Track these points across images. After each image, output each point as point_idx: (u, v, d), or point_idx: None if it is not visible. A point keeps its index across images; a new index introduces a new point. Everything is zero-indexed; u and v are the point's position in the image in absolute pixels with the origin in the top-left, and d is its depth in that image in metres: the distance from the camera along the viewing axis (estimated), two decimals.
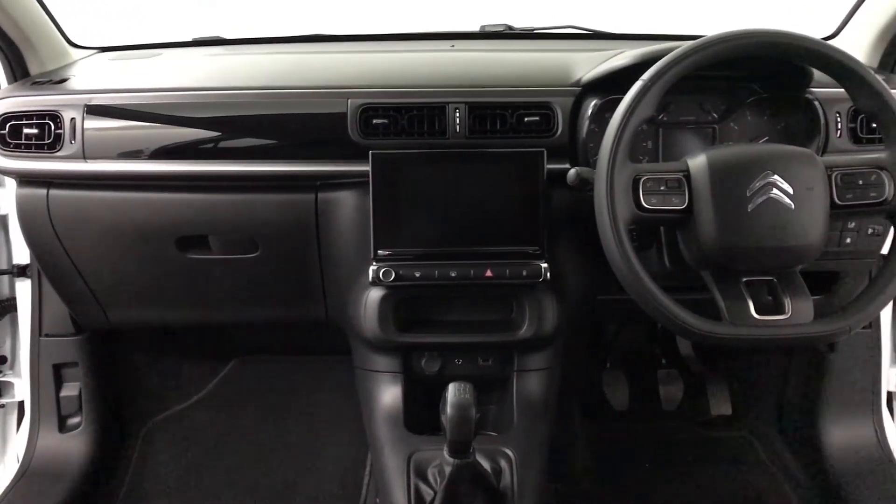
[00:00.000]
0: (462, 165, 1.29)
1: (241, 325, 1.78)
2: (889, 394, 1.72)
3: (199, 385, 1.96)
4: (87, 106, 1.34)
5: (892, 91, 1.12)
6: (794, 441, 1.85)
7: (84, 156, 1.34)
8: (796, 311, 1.09)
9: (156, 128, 1.35)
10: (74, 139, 1.34)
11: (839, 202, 1.11)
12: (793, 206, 1.08)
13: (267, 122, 1.35)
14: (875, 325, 1.68)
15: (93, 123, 1.34)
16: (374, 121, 1.31)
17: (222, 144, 1.35)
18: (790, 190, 1.08)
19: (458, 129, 1.31)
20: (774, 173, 1.08)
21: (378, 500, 1.46)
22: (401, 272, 1.30)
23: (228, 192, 1.37)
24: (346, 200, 1.36)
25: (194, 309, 1.51)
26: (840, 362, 1.71)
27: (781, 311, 1.09)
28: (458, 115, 1.30)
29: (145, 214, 1.38)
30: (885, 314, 1.70)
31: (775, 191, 1.08)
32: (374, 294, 1.36)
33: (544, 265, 1.31)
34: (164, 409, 1.93)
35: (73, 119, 1.34)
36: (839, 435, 1.74)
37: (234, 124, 1.35)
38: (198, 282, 1.45)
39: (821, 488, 1.73)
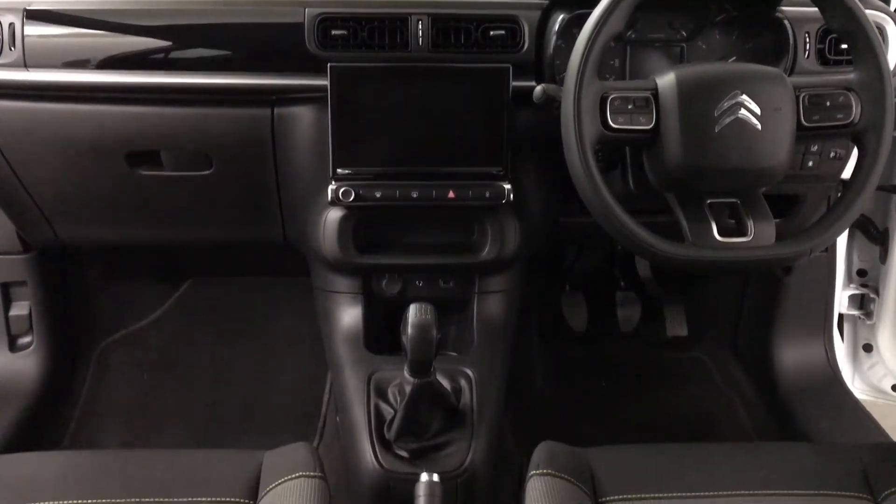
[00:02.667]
0: (425, 81, 1.25)
1: (195, 246, 1.74)
2: (840, 316, 1.76)
3: (154, 306, 1.93)
4: (26, 10, 1.26)
5: (865, 11, 1.10)
6: (748, 362, 1.90)
7: (25, 64, 1.27)
8: (758, 234, 1.09)
9: (103, 36, 1.27)
10: (14, 46, 1.26)
11: (806, 123, 1.10)
12: (760, 127, 1.07)
13: (220, 31, 1.28)
14: (830, 249, 1.70)
15: (34, 29, 1.26)
16: (333, 32, 1.25)
17: (173, 54, 1.28)
18: (757, 110, 1.07)
19: (420, 43, 1.26)
20: (743, 93, 1.06)
21: (338, 419, 1.47)
22: (361, 192, 1.27)
23: (180, 106, 1.31)
24: (303, 116, 1.31)
25: (146, 227, 1.47)
26: (795, 285, 1.74)
27: (744, 234, 1.09)
28: (420, 27, 1.25)
29: (92, 128, 1.32)
30: (841, 239, 1.73)
31: (743, 111, 1.07)
32: (334, 214, 1.33)
33: (507, 186, 1.29)
34: (118, 330, 1.89)
35: (11, 24, 1.26)
36: (791, 356, 1.78)
37: (186, 33, 1.28)
38: (149, 199, 1.40)
39: (771, 407, 1.78)
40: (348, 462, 1.30)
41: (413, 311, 1.11)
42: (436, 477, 1.09)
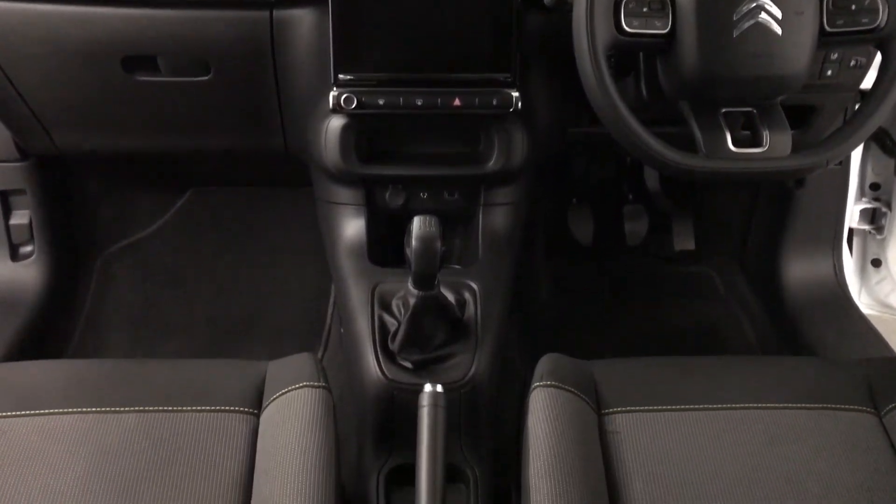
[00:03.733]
0: None
1: (195, 154, 1.71)
2: (850, 230, 1.74)
3: (155, 216, 1.91)
4: None
5: None
6: (755, 276, 1.88)
7: None
8: (774, 145, 1.06)
9: None
10: None
11: (829, 28, 1.05)
12: (780, 32, 1.02)
13: None
14: (844, 161, 1.67)
15: None
16: None
17: None
18: (778, 14, 1.02)
19: None
20: None
21: (342, 331, 1.47)
22: (363, 99, 1.23)
23: (176, 8, 1.25)
24: (303, 19, 1.26)
25: (145, 135, 1.43)
26: (807, 199, 1.71)
27: (759, 144, 1.06)
28: None
29: (87, 31, 1.27)
30: (855, 151, 1.69)
31: (763, 15, 1.02)
32: (335, 123, 1.29)
33: (515, 94, 1.24)
34: (120, 241, 1.88)
35: None
36: (799, 270, 1.76)
37: None
38: (147, 106, 1.36)
39: (777, 321, 1.78)
40: (352, 373, 1.31)
41: (417, 224, 1.09)
42: (439, 388, 1.09)
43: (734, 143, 1.06)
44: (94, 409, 1.02)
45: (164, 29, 1.26)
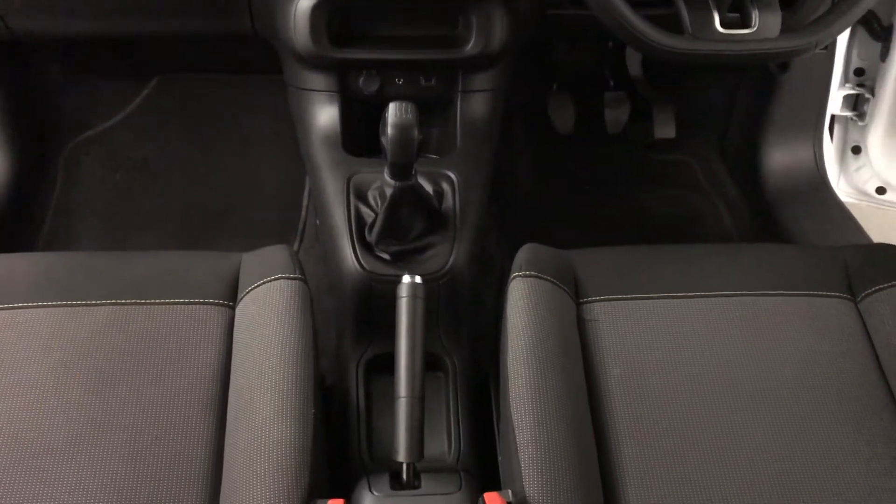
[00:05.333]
0: None
1: (159, 38, 1.63)
2: (832, 117, 1.72)
3: (121, 104, 1.84)
4: None
5: None
6: (735, 164, 1.87)
7: None
8: (763, 25, 1.03)
9: None
10: None
11: None
12: None
13: None
14: (830, 46, 1.63)
15: None
16: None
17: None
18: None
19: None
20: None
21: (317, 223, 1.44)
22: None
23: None
24: None
25: (104, 18, 1.36)
26: (790, 83, 1.68)
27: (748, 25, 1.03)
28: None
29: None
30: (842, 35, 1.64)
31: None
32: (304, 3, 1.23)
33: None
34: (85, 131, 1.82)
35: None
36: (779, 158, 1.75)
37: None
38: None
39: (755, 209, 1.78)
40: (329, 265, 1.29)
41: (393, 111, 1.05)
42: (418, 278, 1.08)
43: (722, 25, 1.02)
44: (65, 303, 1.00)
45: None
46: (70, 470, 0.86)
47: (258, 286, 1.02)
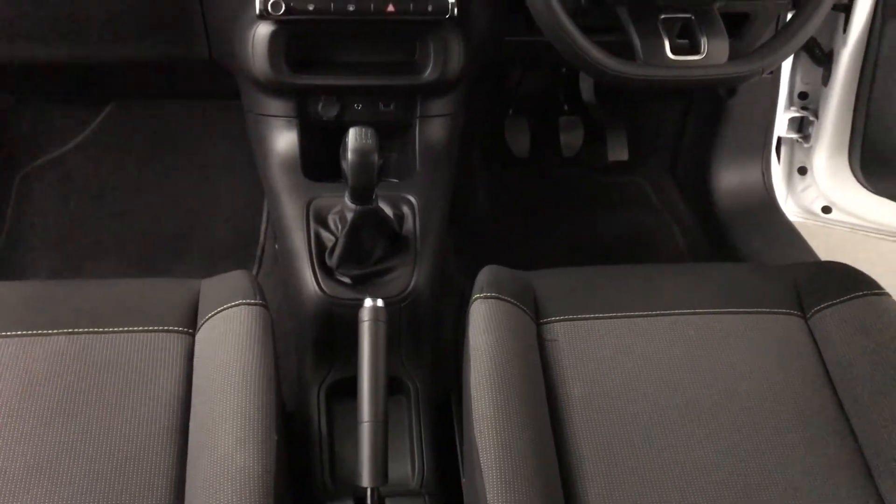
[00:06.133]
0: None
1: (116, 65, 1.62)
2: (778, 139, 1.77)
3: (75, 130, 1.81)
4: None
5: None
6: (686, 186, 1.91)
7: None
8: (712, 52, 1.06)
9: None
10: None
11: None
12: None
13: None
14: (775, 71, 1.68)
15: None
16: None
17: None
18: None
19: None
20: None
21: (276, 248, 1.44)
22: (292, 4, 1.17)
23: None
24: None
25: (59, 44, 1.34)
26: (738, 107, 1.73)
27: (697, 51, 1.06)
28: None
29: None
30: (786, 61, 1.70)
31: None
32: (263, 29, 1.23)
33: (451, 0, 1.20)
34: (39, 156, 1.79)
35: None
36: (728, 179, 1.80)
37: None
38: (59, 11, 1.27)
39: (707, 229, 1.82)
40: (289, 289, 1.29)
41: (353, 136, 1.06)
42: (380, 302, 1.08)
43: (672, 51, 1.05)
44: (20, 333, 0.98)
45: None
46: (27, 501, 0.84)
47: (218, 312, 1.01)
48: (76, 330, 0.99)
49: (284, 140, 1.35)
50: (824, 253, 1.65)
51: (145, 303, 1.04)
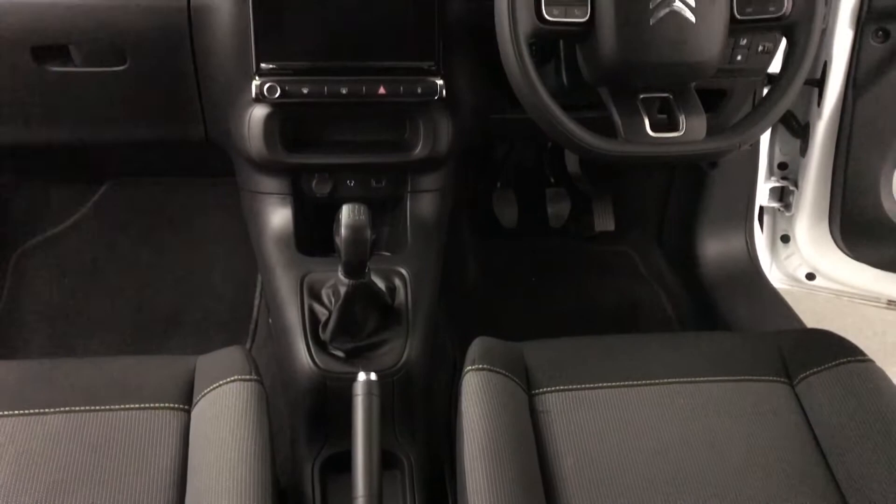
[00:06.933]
0: None
1: (113, 146, 1.66)
2: (761, 208, 1.81)
3: (72, 209, 1.84)
4: None
5: None
6: (672, 254, 1.95)
7: None
8: (690, 129, 1.10)
9: None
10: None
11: (739, 16, 1.09)
12: (694, 20, 1.06)
13: None
14: (754, 143, 1.73)
15: None
16: None
17: None
18: (692, 2, 1.05)
19: None
20: None
21: (270, 322, 1.46)
22: (287, 88, 1.22)
23: None
24: (222, 6, 1.23)
25: (59, 127, 1.38)
26: (720, 178, 1.78)
27: (676, 129, 1.10)
28: None
29: None
30: (764, 133, 1.76)
31: (678, 3, 1.05)
32: (259, 112, 1.28)
33: (440, 82, 1.25)
34: (35, 235, 1.81)
35: None
36: (713, 247, 1.84)
37: None
38: (60, 97, 1.31)
39: (694, 297, 1.85)
40: (283, 364, 1.30)
41: (346, 212, 1.09)
42: (373, 376, 1.10)
43: (652, 128, 1.09)
44: (15, 413, 0.99)
45: (77, 17, 1.22)
46: None
47: (214, 389, 1.03)
48: (72, 408, 1.00)
49: (279, 216, 1.38)
50: (811, 319, 1.67)
51: (141, 380, 1.05)
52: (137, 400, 1.02)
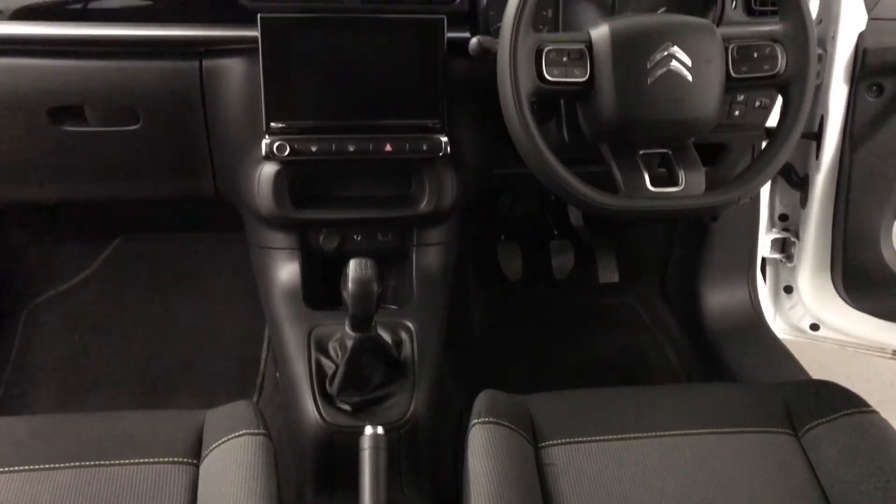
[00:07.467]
0: (358, 32, 1.23)
1: (124, 202, 1.69)
2: (763, 259, 1.83)
3: (82, 265, 1.87)
4: None
5: None
6: (676, 306, 1.96)
7: None
8: (689, 183, 1.12)
9: None
10: None
11: (734, 75, 1.12)
12: (690, 79, 1.09)
13: None
14: (754, 196, 1.76)
15: None
16: None
17: (93, 5, 1.23)
18: (688, 62, 1.09)
19: None
20: (674, 45, 1.08)
21: (277, 375, 1.46)
22: (296, 146, 1.25)
23: (102, 59, 1.26)
24: (233, 69, 1.28)
25: (72, 185, 1.42)
26: (721, 231, 1.80)
27: (675, 183, 1.12)
28: None
29: (9, 82, 1.26)
30: (764, 186, 1.78)
31: (674, 63, 1.08)
32: (268, 169, 1.31)
33: (444, 139, 1.28)
34: (46, 291, 1.84)
35: None
36: (717, 299, 1.85)
37: None
38: (74, 156, 1.35)
39: (698, 348, 1.85)
40: (290, 417, 1.31)
41: (353, 267, 1.11)
42: (380, 429, 1.10)
43: (652, 183, 1.12)
44: (25, 468, 1.00)
45: (92, 80, 1.26)
46: None
47: (222, 443, 1.03)
48: (82, 463, 1.00)
49: (287, 271, 1.40)
50: (817, 370, 1.67)
51: (150, 434, 1.06)
52: (146, 455, 1.02)
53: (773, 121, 1.46)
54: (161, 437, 1.06)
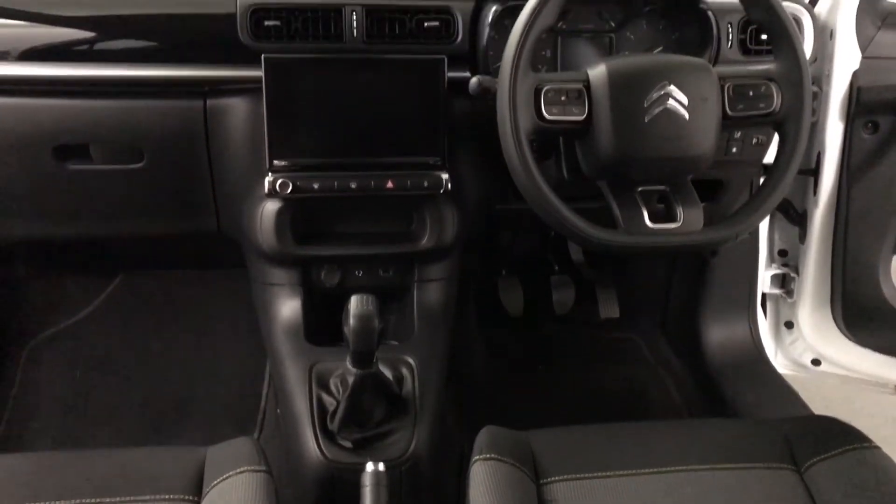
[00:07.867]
0: (360, 72, 1.25)
1: (127, 239, 1.70)
2: (763, 295, 1.83)
3: (85, 301, 1.88)
4: None
5: (783, 3, 1.14)
6: (677, 341, 1.96)
7: None
8: (687, 220, 1.13)
9: (23, 26, 1.24)
10: None
11: (731, 113, 1.14)
12: (687, 117, 1.10)
13: (148, 21, 1.26)
14: (753, 231, 1.77)
15: None
16: (266, 22, 1.24)
17: (99, 46, 1.26)
18: (685, 101, 1.10)
19: (354, 34, 1.26)
20: (671, 84, 1.10)
21: (279, 412, 1.46)
22: (298, 183, 1.27)
23: (108, 98, 1.28)
24: (237, 108, 1.30)
25: (76, 222, 1.43)
26: (721, 266, 1.81)
27: (673, 220, 1.13)
28: (354, 17, 1.25)
29: (16, 122, 1.28)
30: (763, 221, 1.79)
31: (671, 101, 1.10)
32: (271, 206, 1.32)
33: (445, 176, 1.30)
34: (48, 328, 1.84)
35: None
36: (717, 334, 1.85)
37: (111, 24, 1.25)
38: (79, 194, 1.37)
39: (700, 383, 1.85)
40: (291, 454, 1.30)
41: (355, 303, 1.12)
42: (381, 466, 1.10)
43: (650, 219, 1.13)
44: None
45: (97, 119, 1.28)
46: None
47: (223, 480, 1.03)
48: (83, 500, 1.00)
49: (288, 307, 1.40)
50: (820, 405, 1.67)
51: (151, 471, 1.06)
52: (148, 491, 1.02)
53: (770, 157, 1.47)
54: (162, 474, 1.06)
